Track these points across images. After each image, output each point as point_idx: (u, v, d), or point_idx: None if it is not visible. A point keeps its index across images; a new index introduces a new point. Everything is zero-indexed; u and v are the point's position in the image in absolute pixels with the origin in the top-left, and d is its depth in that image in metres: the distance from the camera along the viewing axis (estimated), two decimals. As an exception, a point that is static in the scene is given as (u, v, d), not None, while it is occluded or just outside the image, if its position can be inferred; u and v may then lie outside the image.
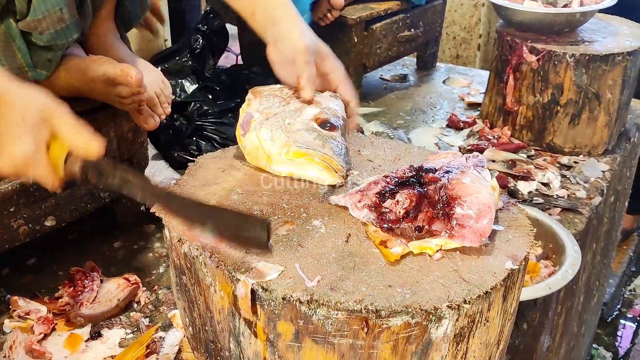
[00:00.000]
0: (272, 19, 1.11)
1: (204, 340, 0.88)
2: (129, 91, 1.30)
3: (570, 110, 1.86)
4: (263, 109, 1.06)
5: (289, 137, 0.98)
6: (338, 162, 0.97)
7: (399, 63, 2.78)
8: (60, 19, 1.20)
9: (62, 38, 1.24)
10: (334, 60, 1.14)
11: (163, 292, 1.36)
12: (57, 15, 1.19)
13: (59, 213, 1.35)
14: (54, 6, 1.18)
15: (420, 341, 0.74)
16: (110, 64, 1.30)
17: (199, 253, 0.79)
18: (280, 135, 0.99)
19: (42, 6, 1.17)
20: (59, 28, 1.21)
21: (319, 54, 1.11)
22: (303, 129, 1.00)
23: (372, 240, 0.83)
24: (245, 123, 1.05)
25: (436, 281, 0.76)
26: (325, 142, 0.99)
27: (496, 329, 0.82)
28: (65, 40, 1.25)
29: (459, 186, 0.84)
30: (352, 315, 0.71)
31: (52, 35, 1.21)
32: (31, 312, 1.25)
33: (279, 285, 0.73)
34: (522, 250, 0.83)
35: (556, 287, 1.26)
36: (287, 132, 0.99)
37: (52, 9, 1.18)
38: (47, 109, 0.85)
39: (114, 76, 1.28)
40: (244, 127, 1.04)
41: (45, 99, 0.86)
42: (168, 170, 1.77)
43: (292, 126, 1.00)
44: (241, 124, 1.06)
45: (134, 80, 1.28)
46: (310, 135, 0.99)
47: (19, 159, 0.83)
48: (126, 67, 1.30)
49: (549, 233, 1.44)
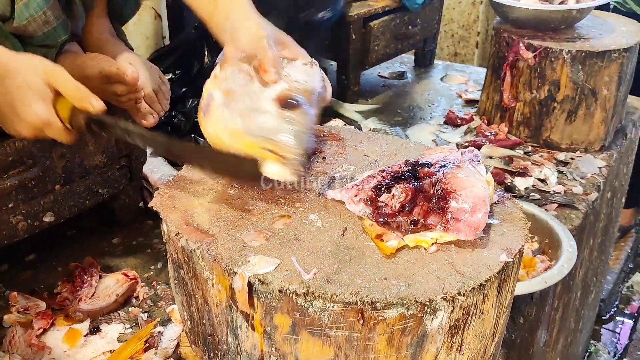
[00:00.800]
0: (225, 17, 1.11)
1: (202, 333, 0.89)
2: (125, 89, 1.30)
3: (567, 106, 1.87)
4: (225, 87, 1.01)
5: (243, 124, 0.94)
6: (290, 150, 0.92)
7: (396, 60, 2.79)
8: (45, 22, 1.20)
9: (51, 39, 1.24)
10: (296, 46, 1.12)
11: (161, 287, 1.36)
12: (41, 19, 1.19)
13: (57, 209, 1.36)
14: (36, 11, 1.17)
15: (416, 333, 0.75)
16: (107, 62, 1.30)
17: (197, 247, 0.80)
18: (235, 121, 0.95)
19: (25, 12, 1.17)
20: (47, 30, 1.21)
21: (279, 41, 1.09)
22: (260, 113, 0.96)
23: (368, 233, 0.84)
24: (205, 105, 1.01)
25: (431, 274, 0.77)
26: (281, 126, 0.94)
27: (491, 321, 0.83)
28: (54, 41, 1.25)
29: (454, 180, 0.85)
30: (348, 308, 0.72)
31: (41, 37, 1.22)
32: (30, 307, 1.25)
33: (276, 278, 0.74)
34: (517, 243, 0.84)
35: (552, 281, 1.27)
36: (243, 117, 0.95)
37: (35, 14, 1.18)
38: (48, 72, 0.96)
39: (110, 74, 1.28)
40: (204, 110, 1.01)
41: (44, 63, 0.97)
42: (166, 167, 1.77)
43: (249, 109, 0.96)
44: (202, 105, 1.02)
45: (130, 78, 1.28)
46: (266, 120, 0.95)
47: (35, 121, 0.95)
48: (122, 65, 1.30)
49: (545, 228, 1.45)
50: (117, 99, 1.33)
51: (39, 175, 1.29)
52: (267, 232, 0.83)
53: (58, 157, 1.33)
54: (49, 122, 0.96)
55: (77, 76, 1.31)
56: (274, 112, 0.97)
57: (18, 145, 1.24)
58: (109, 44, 1.46)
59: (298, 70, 1.05)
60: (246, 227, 0.84)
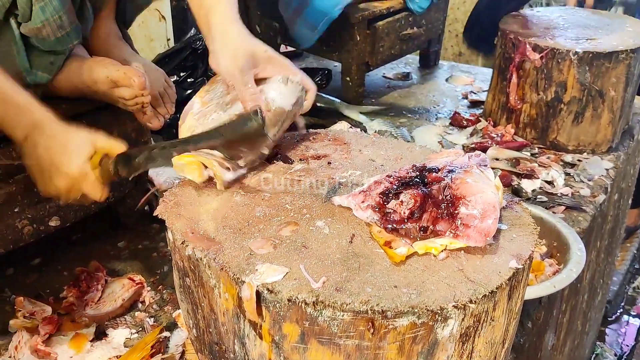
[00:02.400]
0: (208, 26, 1.11)
1: (208, 342, 0.88)
2: (132, 93, 1.30)
3: (574, 108, 1.86)
4: (205, 97, 1.10)
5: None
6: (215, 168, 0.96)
7: (401, 61, 2.78)
8: (60, 27, 1.20)
9: (62, 44, 1.24)
10: (279, 58, 1.12)
11: (168, 291, 1.36)
12: (56, 23, 1.19)
13: (63, 213, 1.35)
14: (52, 14, 1.18)
15: (427, 341, 0.74)
16: (114, 66, 1.30)
17: (203, 255, 0.79)
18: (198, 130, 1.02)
19: (41, 15, 1.17)
20: (60, 35, 1.21)
21: (260, 60, 1.09)
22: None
23: (376, 240, 0.83)
24: (184, 113, 1.09)
25: (442, 281, 0.76)
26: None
27: (501, 328, 0.82)
28: (65, 46, 1.25)
29: (463, 186, 0.84)
30: (358, 316, 0.71)
31: (53, 42, 1.22)
32: (36, 312, 1.25)
33: (284, 286, 0.73)
34: (527, 249, 0.83)
35: (561, 285, 1.26)
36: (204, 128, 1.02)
37: (51, 17, 1.18)
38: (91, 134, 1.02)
39: (117, 78, 1.28)
40: (183, 117, 1.09)
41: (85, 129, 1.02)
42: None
43: (213, 122, 1.03)
44: (183, 112, 1.09)
45: (137, 82, 1.28)
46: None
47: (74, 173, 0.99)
48: (129, 69, 1.30)
49: (553, 231, 1.44)
50: (124, 102, 1.32)
51: (45, 180, 1.28)
52: (274, 239, 0.82)
53: (63, 161, 1.32)
54: (85, 175, 1.00)
55: (84, 81, 1.31)
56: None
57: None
58: (116, 47, 1.46)
59: (271, 88, 1.09)
60: (253, 235, 0.83)
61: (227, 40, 1.07)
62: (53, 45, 1.21)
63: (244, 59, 1.06)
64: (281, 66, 1.11)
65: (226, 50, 1.07)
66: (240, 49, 1.07)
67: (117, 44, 1.48)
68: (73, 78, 1.31)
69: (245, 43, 1.08)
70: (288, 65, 1.11)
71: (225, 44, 1.07)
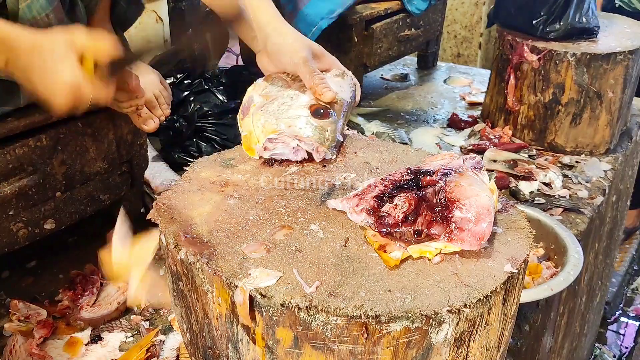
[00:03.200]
0: (258, 24, 1.15)
1: (202, 346, 0.88)
2: (127, 96, 1.29)
3: (572, 109, 1.86)
4: (264, 92, 1.11)
5: (276, 121, 1.03)
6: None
7: (399, 62, 2.77)
8: (48, 25, 1.19)
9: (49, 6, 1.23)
10: (329, 56, 1.18)
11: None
12: (44, 22, 1.18)
13: (58, 216, 1.35)
14: (39, 13, 1.17)
15: (421, 346, 0.74)
16: None
17: (196, 259, 0.79)
18: (271, 122, 1.03)
19: (28, 14, 1.16)
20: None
21: (315, 54, 1.14)
22: (294, 117, 1.04)
23: (370, 244, 0.82)
24: (245, 107, 1.10)
25: (436, 285, 0.75)
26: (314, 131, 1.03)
27: (496, 332, 0.81)
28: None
29: (457, 189, 0.83)
30: (352, 321, 0.71)
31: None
32: (31, 315, 1.24)
33: (278, 291, 0.73)
34: (522, 252, 0.82)
35: (558, 288, 1.25)
36: (278, 119, 1.03)
37: (38, 16, 1.17)
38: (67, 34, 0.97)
39: None
40: (244, 111, 1.10)
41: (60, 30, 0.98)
42: (168, 172, 1.76)
43: (285, 112, 1.05)
44: (242, 107, 1.11)
45: (132, 86, 1.28)
46: (300, 124, 1.03)
47: (67, 86, 0.94)
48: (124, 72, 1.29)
49: (551, 234, 1.44)
50: (118, 105, 1.32)
51: (40, 182, 1.28)
52: (267, 243, 0.82)
53: (59, 163, 1.32)
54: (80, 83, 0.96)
55: None
56: (305, 116, 1.05)
57: (18, 152, 1.23)
58: None
59: (330, 81, 1.12)
60: (246, 239, 0.83)
61: (284, 36, 1.13)
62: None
63: (306, 51, 1.12)
64: (332, 61, 1.17)
65: (286, 44, 1.12)
66: (300, 42, 1.13)
67: None
68: None
69: (301, 37, 1.15)
70: (337, 62, 1.17)
71: (285, 39, 1.13)
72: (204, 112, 1.91)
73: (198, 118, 1.90)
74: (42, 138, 1.28)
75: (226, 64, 2.57)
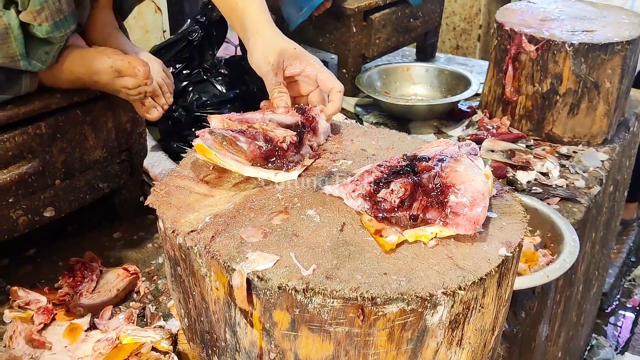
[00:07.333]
0: (242, 27, 1.17)
1: (200, 331, 0.88)
2: (135, 83, 1.30)
3: (569, 99, 1.86)
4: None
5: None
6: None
7: (398, 53, 2.77)
8: (58, 10, 1.20)
9: (60, 30, 1.24)
10: (306, 56, 1.16)
11: (162, 282, 1.36)
12: (55, 7, 1.19)
13: (58, 204, 1.35)
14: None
15: (416, 328, 0.75)
16: (117, 56, 1.30)
17: (194, 244, 0.80)
18: None
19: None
20: (58, 19, 1.21)
21: (288, 58, 1.14)
22: None
23: (367, 229, 0.83)
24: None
25: (431, 268, 0.76)
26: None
27: (491, 315, 0.82)
28: (63, 32, 1.25)
29: (452, 174, 0.84)
30: (348, 303, 0.72)
31: (51, 27, 1.21)
32: (31, 302, 1.25)
33: (275, 274, 0.74)
34: (516, 236, 0.83)
35: (554, 275, 1.26)
36: None
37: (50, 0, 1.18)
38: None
39: (121, 68, 1.29)
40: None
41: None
42: (167, 161, 1.77)
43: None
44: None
45: (141, 71, 1.28)
46: None
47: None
48: (133, 58, 1.30)
49: (548, 222, 1.45)
50: (126, 92, 1.32)
51: (39, 170, 1.29)
52: (265, 228, 0.83)
53: (58, 151, 1.33)
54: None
55: (86, 71, 1.31)
56: None
57: (18, 139, 1.24)
58: (113, 37, 1.46)
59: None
60: (244, 223, 0.84)
61: (258, 42, 1.14)
62: (51, 30, 1.21)
63: (274, 58, 1.12)
64: (308, 63, 1.15)
65: (257, 51, 1.14)
66: (270, 48, 1.13)
67: (115, 33, 1.48)
68: (74, 68, 1.31)
69: (274, 42, 1.14)
70: (315, 62, 1.15)
71: (256, 46, 1.14)
72: (202, 102, 1.91)
73: (197, 108, 1.91)
74: (42, 126, 1.28)
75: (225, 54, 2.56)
